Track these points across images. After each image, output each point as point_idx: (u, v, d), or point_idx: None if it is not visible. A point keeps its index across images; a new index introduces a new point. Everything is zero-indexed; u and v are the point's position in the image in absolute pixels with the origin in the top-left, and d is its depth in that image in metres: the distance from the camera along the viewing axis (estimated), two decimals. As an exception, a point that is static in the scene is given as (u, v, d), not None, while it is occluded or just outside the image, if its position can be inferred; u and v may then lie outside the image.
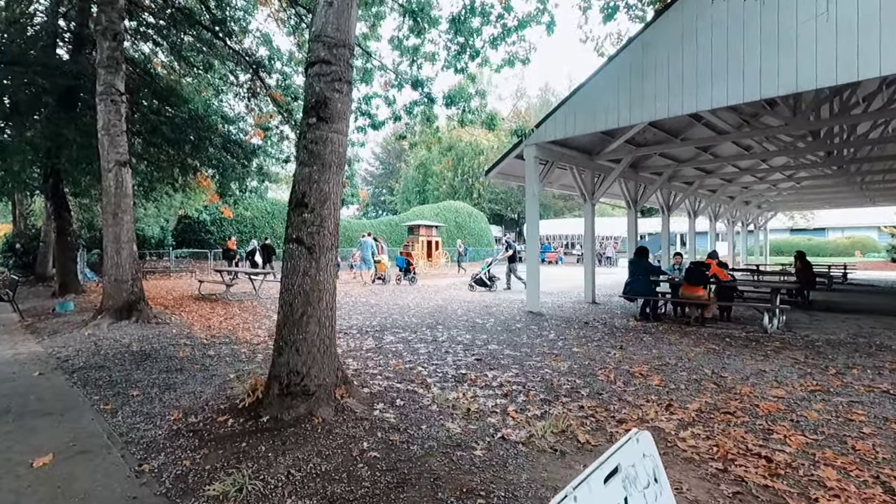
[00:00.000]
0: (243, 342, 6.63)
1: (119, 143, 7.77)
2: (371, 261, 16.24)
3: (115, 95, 7.72)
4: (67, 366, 5.42)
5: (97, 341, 6.63)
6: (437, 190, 42.68)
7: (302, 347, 3.51)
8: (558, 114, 9.30)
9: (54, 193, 12.44)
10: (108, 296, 7.81)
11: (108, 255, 7.81)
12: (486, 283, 14.33)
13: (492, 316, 9.00)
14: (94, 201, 18.22)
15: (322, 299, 3.61)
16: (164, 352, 6.00)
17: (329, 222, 3.62)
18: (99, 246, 20.32)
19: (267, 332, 7.39)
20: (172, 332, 7.30)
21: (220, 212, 23.48)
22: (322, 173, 3.58)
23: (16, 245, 18.04)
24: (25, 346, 6.55)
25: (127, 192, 7.88)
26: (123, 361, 5.54)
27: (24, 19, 13.21)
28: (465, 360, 5.51)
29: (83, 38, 12.39)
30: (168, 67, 14.69)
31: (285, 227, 3.65)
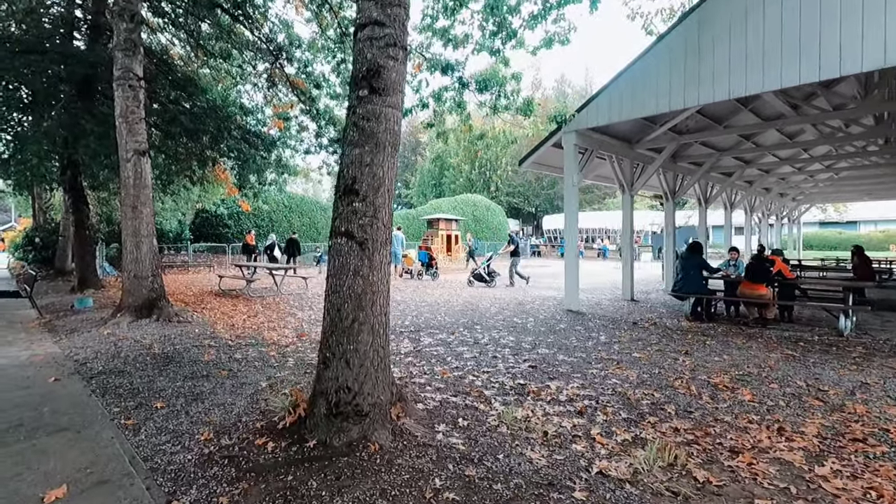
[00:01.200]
0: (271, 343, 6.17)
1: (137, 131, 7.33)
2: (400, 255, 15.77)
3: (132, 80, 7.27)
4: (85, 370, 5.00)
5: (116, 342, 6.22)
6: (454, 183, 42.06)
7: (353, 359, 2.99)
8: (601, 98, 8.65)
9: (72, 186, 12.14)
10: (127, 293, 7.41)
11: (127, 249, 7.40)
12: (486, 278, 13.87)
13: (529, 315, 8.43)
14: (113, 194, 18.00)
15: (375, 303, 3.08)
16: (188, 354, 5.55)
17: (383, 212, 3.09)
18: (118, 240, 20.17)
19: (294, 332, 6.93)
20: (195, 332, 6.87)
21: (237, 205, 23.19)
22: (375, 154, 3.04)
23: (35, 239, 17.91)
24: (42, 347, 6.16)
25: (146, 184, 7.45)
26: (145, 366, 5.10)
27: (41, 9, 12.91)
28: (518, 367, 4.96)
29: (100, 26, 12.02)
30: (186, 58, 14.31)
31: (332, 219, 3.12)
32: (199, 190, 18.49)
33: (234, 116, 12.97)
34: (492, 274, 13.99)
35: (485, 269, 14.00)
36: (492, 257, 14.84)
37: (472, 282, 14.04)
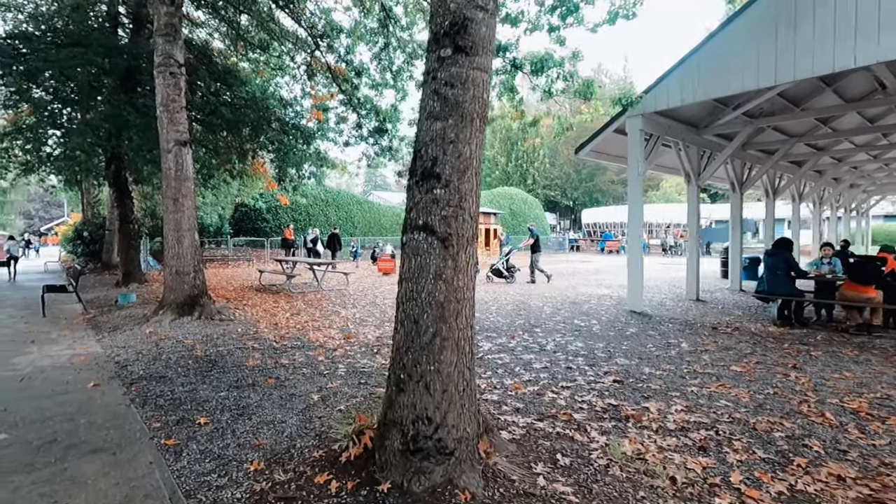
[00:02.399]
0: (317, 346, 5.72)
1: (178, 120, 7.01)
2: None
3: (173, 67, 6.94)
4: (126, 374, 4.65)
5: (158, 342, 5.91)
6: (490, 176, 41.24)
7: (434, 383, 2.42)
8: (671, 78, 7.79)
9: (116, 181, 12.16)
10: (169, 289, 7.13)
11: (169, 244, 7.11)
12: (505, 274, 13.17)
13: (589, 316, 7.72)
14: (156, 189, 18.18)
15: (461, 313, 2.50)
16: (232, 358, 5.15)
17: (470, 201, 2.50)
18: (161, 234, 20.47)
19: (340, 333, 6.48)
20: (238, 331, 6.50)
21: (276, 200, 23.18)
22: (461, 129, 2.44)
23: (83, 233, 18.31)
24: (84, 345, 5.91)
25: (188, 175, 7.13)
26: (187, 371, 4.71)
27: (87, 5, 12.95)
28: (600, 381, 4.31)
29: (141, 18, 11.95)
30: (225, 52, 14.16)
31: (406, 210, 2.56)
32: (239, 184, 18.49)
33: (274, 109, 12.70)
34: (511, 269, 13.38)
35: (503, 265, 13.40)
36: (511, 252, 14.15)
37: (491, 277, 13.50)
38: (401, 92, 11.56)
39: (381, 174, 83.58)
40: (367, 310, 8.49)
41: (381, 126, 11.51)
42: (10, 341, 6.20)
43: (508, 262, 13.54)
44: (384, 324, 7.08)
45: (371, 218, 28.02)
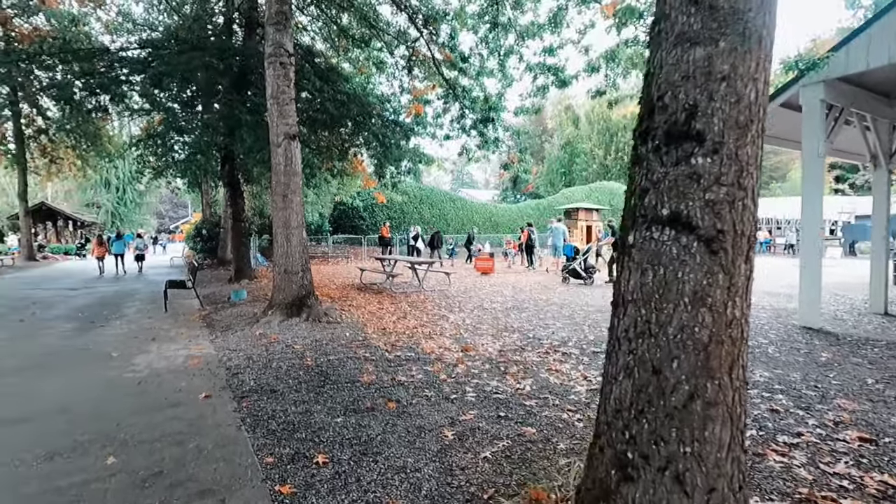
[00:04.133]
0: (434, 359, 5.01)
1: (288, 112, 6.72)
2: (561, 249, 14.16)
3: (283, 57, 6.65)
4: (236, 383, 4.26)
5: (268, 346, 5.57)
6: (586, 170, 38.90)
7: (693, 475, 1.48)
8: (872, 31, 6.05)
9: (230, 181, 12.62)
10: (278, 289, 6.89)
11: (278, 242, 6.86)
12: (582, 275, 11.93)
13: (754, 333, 6.24)
14: (264, 189, 19.10)
15: (735, 363, 1.53)
16: (345, 371, 4.60)
17: (751, 177, 1.51)
18: (268, 231, 21.54)
19: (454, 342, 5.74)
20: (346, 337, 6.03)
21: (372, 197, 23.47)
22: (740, 57, 1.47)
23: (202, 231, 19.69)
24: (198, 345, 5.75)
25: (296, 171, 6.83)
26: (298, 384, 4.21)
27: (206, 16, 13.65)
28: (836, 436, 3.07)
29: (253, 21, 12.25)
30: (324, 53, 14.28)
31: (631, 192, 1.64)
32: (338, 183, 18.84)
33: (374, 105, 12.47)
34: (589, 270, 12.05)
35: (581, 265, 12.04)
36: (589, 251, 12.75)
37: (568, 279, 12.23)
38: (507, 79, 10.64)
39: (468, 172, 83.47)
40: (477, 315, 7.71)
41: (487, 115, 10.69)
42: (133, 338, 6.26)
43: (587, 261, 12.30)
44: (502, 334, 6.23)
45: (464, 215, 27.48)
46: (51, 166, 22.33)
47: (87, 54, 10.00)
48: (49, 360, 5.21)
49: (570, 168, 41.87)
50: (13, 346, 5.87)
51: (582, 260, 12.30)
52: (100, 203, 39.00)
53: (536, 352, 5.28)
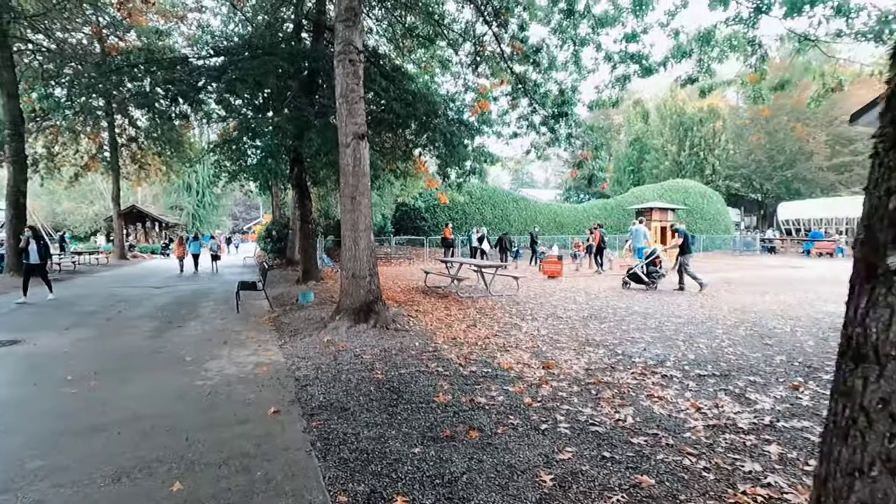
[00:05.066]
0: (513, 376, 4.53)
1: (356, 111, 6.50)
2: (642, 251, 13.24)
3: (352, 54, 6.43)
4: (305, 398, 4.01)
5: (336, 354, 5.33)
6: (657, 168, 36.65)
7: None
8: None
9: (298, 183, 12.81)
10: (345, 294, 6.68)
11: (346, 245, 6.65)
12: (644, 279, 11.15)
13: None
14: (330, 190, 19.46)
15: None
16: (417, 387, 4.23)
17: None
18: (333, 232, 21.99)
19: (532, 355, 5.22)
20: (415, 346, 5.69)
21: (434, 199, 23.31)
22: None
23: (272, 232, 20.38)
24: (267, 351, 5.63)
25: (365, 171, 6.59)
26: (370, 401, 3.88)
27: (277, 23, 13.99)
28: None
29: (321, 25, 12.35)
30: (390, 55, 14.21)
31: (871, 194, 1.08)
32: (401, 184, 18.82)
33: (439, 104, 12.17)
34: (653, 274, 11.11)
35: (642, 269, 11.28)
36: (654, 253, 11.60)
37: (628, 283, 11.46)
38: (582, 70, 9.94)
39: (527, 171, 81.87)
40: (552, 325, 7.13)
41: (560, 110, 10.03)
42: (206, 340, 6.28)
43: (650, 265, 11.35)
44: (585, 348, 5.63)
45: (527, 216, 26.69)
46: (140, 172, 24.09)
47: (170, 63, 10.43)
48: (128, 363, 5.27)
49: (639, 166, 39.72)
50: (98, 346, 6.05)
51: (644, 264, 11.41)
52: (182, 205, 41.89)
53: (630, 372, 4.65)
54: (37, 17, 14.70)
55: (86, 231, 34.71)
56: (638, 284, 11.37)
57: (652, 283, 11.18)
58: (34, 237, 9.64)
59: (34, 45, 16.81)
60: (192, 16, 18.57)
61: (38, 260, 9.58)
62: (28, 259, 9.54)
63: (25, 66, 17.02)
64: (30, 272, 9.61)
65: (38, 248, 9.59)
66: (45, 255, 9.79)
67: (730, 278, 13.83)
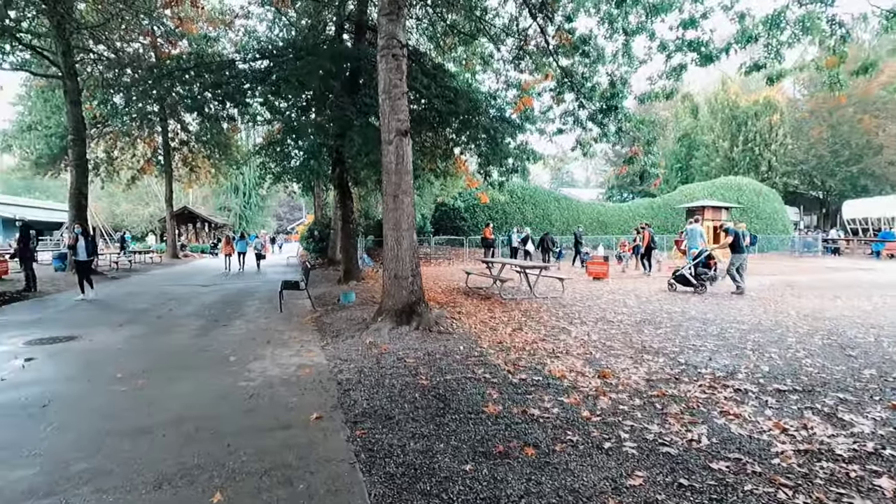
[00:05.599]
0: (567, 385, 4.21)
1: (399, 107, 6.33)
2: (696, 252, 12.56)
3: (396, 48, 6.27)
4: (349, 403, 3.84)
5: (379, 357, 5.17)
6: (707, 165, 34.90)
7: None
8: None
9: (339, 183, 12.86)
10: (387, 295, 6.53)
11: (388, 245, 6.50)
12: (692, 282, 10.44)
13: None
14: (371, 191, 19.56)
15: None
16: (465, 395, 3.99)
17: None
18: (373, 232, 22.13)
19: (584, 362, 4.88)
20: (460, 351, 5.45)
21: (473, 198, 23.07)
22: None
23: (314, 232, 20.70)
24: (309, 352, 5.54)
25: (408, 169, 6.42)
26: (415, 409, 3.68)
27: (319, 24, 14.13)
28: None
29: (362, 25, 12.34)
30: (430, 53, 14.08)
31: None
32: (440, 183, 18.69)
33: (481, 102, 11.92)
34: (702, 276, 10.49)
35: (691, 270, 10.57)
36: (702, 254, 10.81)
37: (673, 285, 10.82)
38: (633, 61, 9.43)
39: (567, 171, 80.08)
40: (603, 329, 6.72)
41: (609, 104, 9.56)
42: (251, 339, 6.28)
43: (699, 266, 10.61)
44: (642, 356, 5.23)
45: (569, 215, 26.00)
46: (191, 174, 25.08)
47: (218, 67, 10.67)
48: (175, 361, 5.30)
49: (687, 163, 38.01)
50: (148, 343, 6.15)
51: (692, 265, 10.70)
52: (230, 206, 43.46)
53: (697, 385, 4.23)
54: (97, 27, 15.44)
55: (142, 231, 36.55)
56: (685, 287, 10.74)
57: (700, 287, 10.50)
58: (83, 234, 10.08)
59: (95, 55, 17.72)
60: (239, 22, 19.12)
61: (86, 257, 9.99)
62: (77, 256, 9.97)
63: (88, 75, 18.00)
64: (80, 269, 10.00)
65: (85, 245, 9.97)
66: (93, 251, 10.23)
67: (792, 281, 12.85)
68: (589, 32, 9.36)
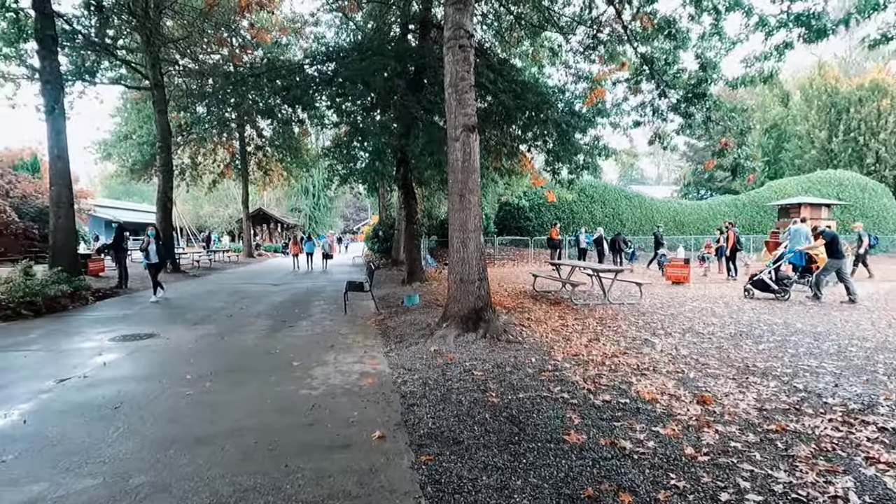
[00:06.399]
0: (658, 409, 3.64)
1: (466, 101, 5.97)
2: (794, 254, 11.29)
3: (463, 39, 5.92)
4: (413, 421, 3.53)
5: (444, 369, 4.84)
6: (800, 157, 31.56)
7: None
8: None
9: (403, 183, 12.76)
10: (453, 299, 6.20)
11: (454, 247, 6.16)
12: (773, 287, 9.41)
13: None
14: (433, 191, 19.44)
15: None
16: (541, 418, 3.54)
17: None
18: (436, 232, 22.01)
19: (680, 386, 4.24)
20: (532, 363, 4.99)
21: (539, 197, 22.32)
22: None
23: (379, 232, 20.90)
24: (372, 359, 5.32)
25: (475, 167, 6.05)
26: (486, 435, 3.28)
27: (385, 26, 14.13)
28: None
29: (427, 23, 12.14)
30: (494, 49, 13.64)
31: None
32: (504, 182, 18.19)
33: (549, 96, 11.30)
34: (784, 281, 9.42)
35: (770, 274, 9.49)
36: (783, 257, 9.82)
37: (750, 291, 9.84)
38: (725, 41, 8.46)
39: (637, 168, 76.02)
40: (692, 342, 5.98)
41: (697, 91, 8.63)
42: (315, 343, 6.18)
43: (779, 270, 9.50)
44: (746, 378, 4.49)
45: (641, 214, 24.47)
46: (265, 177, 26.31)
47: (288, 72, 10.89)
48: (241, 363, 5.27)
49: (776, 156, 34.62)
50: (218, 344, 6.23)
51: (773, 269, 9.49)
52: (300, 208, 45.39)
53: (826, 419, 3.50)
54: (181, 40, 16.45)
55: (221, 231, 39.04)
56: (763, 293, 9.64)
57: (783, 293, 9.39)
58: (155, 238, 10.09)
59: (180, 67, 18.96)
60: (308, 30, 19.69)
61: (157, 259, 10.05)
62: (148, 259, 10.02)
63: (174, 86, 19.32)
64: (152, 271, 10.08)
65: (157, 248, 10.03)
66: (164, 254, 10.20)
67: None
68: (674, 13, 8.50)
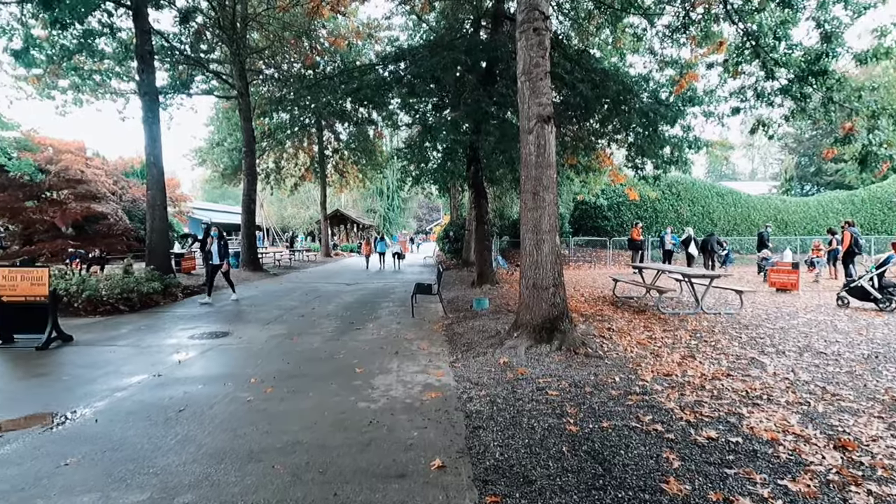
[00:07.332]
0: (782, 455, 2.92)
1: (541, 90, 5.44)
2: None
3: (538, 21, 5.40)
4: (478, 449, 3.11)
5: (514, 385, 4.36)
6: None
7: None
8: None
9: (474, 182, 12.39)
10: (525, 306, 5.69)
11: (526, 250, 5.66)
12: (874, 295, 8.21)
13: None
14: (504, 190, 18.89)
15: None
16: (630, 456, 2.97)
17: None
18: (508, 233, 21.40)
19: (803, 418, 3.45)
20: (616, 383, 4.37)
21: (617, 195, 20.94)
22: None
23: (449, 233, 20.70)
24: (437, 370, 4.97)
25: (550, 161, 5.50)
26: (563, 474, 2.78)
27: (456, 24, 13.84)
28: None
29: (499, 14, 11.66)
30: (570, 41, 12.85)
31: None
32: (580, 180, 17.21)
33: (633, 85, 10.37)
34: (889, 288, 8.16)
35: (871, 281, 8.33)
36: (888, 261, 8.65)
37: (845, 300, 8.66)
38: (851, 6, 7.16)
39: (729, 162, 69.77)
40: (814, 364, 5.00)
41: (814, 67, 7.39)
42: (379, 349, 5.96)
43: (883, 277, 8.37)
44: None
45: (736, 213, 22.15)
46: (341, 180, 27.18)
47: (360, 73, 10.93)
48: (305, 368, 5.15)
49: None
50: (286, 346, 6.19)
51: (875, 274, 7.99)
52: (375, 209, 46.66)
53: None
54: (262, 50, 17.29)
55: (302, 232, 41.10)
56: (862, 302, 8.39)
57: (886, 302, 8.08)
58: (217, 238, 9.79)
59: (264, 76, 20.01)
60: (382, 34, 19.96)
61: (219, 260, 9.81)
62: (211, 260, 9.80)
63: (259, 95, 20.44)
64: (210, 272, 9.93)
65: (218, 248, 9.75)
66: (224, 254, 9.93)
67: None
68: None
